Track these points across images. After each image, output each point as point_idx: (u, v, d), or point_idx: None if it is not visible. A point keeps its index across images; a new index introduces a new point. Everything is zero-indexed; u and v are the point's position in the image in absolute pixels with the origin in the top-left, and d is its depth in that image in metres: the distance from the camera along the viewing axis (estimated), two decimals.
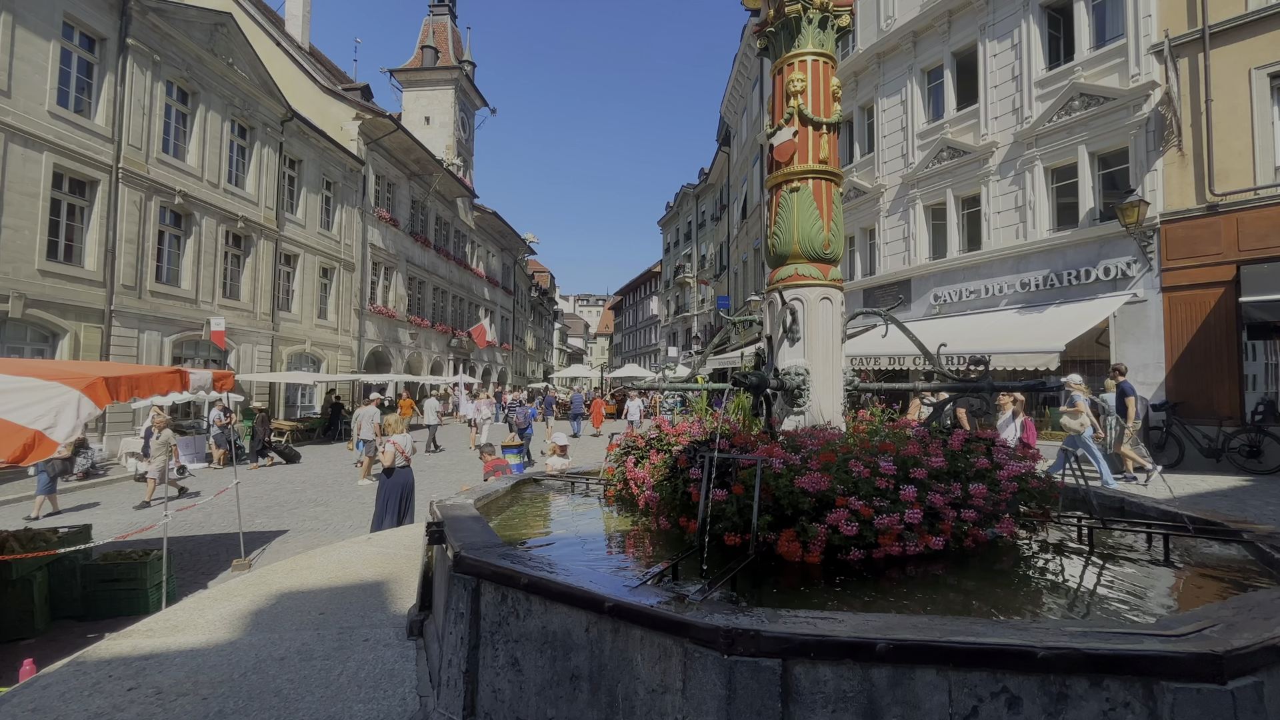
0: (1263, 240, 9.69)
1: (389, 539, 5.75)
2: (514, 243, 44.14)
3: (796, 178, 4.16)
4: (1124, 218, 10.67)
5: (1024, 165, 12.71)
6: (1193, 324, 10.41)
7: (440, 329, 31.38)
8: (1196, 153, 10.41)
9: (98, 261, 13.73)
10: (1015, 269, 12.90)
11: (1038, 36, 12.68)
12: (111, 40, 13.96)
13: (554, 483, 5.26)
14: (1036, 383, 3.69)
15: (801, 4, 4.22)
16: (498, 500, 4.39)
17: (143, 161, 14.65)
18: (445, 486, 10.74)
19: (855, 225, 16.88)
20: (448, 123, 39.08)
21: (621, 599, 2.09)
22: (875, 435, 3.67)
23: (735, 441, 3.45)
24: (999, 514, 3.27)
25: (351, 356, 23.48)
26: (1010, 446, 3.70)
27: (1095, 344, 11.56)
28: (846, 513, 2.88)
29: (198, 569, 6.54)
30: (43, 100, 12.47)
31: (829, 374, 4.10)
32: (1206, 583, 2.94)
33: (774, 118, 4.42)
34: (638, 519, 3.90)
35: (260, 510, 9.26)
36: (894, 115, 15.85)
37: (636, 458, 4.15)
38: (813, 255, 4.12)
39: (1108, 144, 11.53)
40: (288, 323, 20.07)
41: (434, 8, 41.72)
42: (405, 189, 27.83)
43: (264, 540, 7.57)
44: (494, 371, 40.37)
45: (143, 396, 5.84)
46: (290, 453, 14.85)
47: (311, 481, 11.84)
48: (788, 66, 4.33)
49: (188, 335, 15.95)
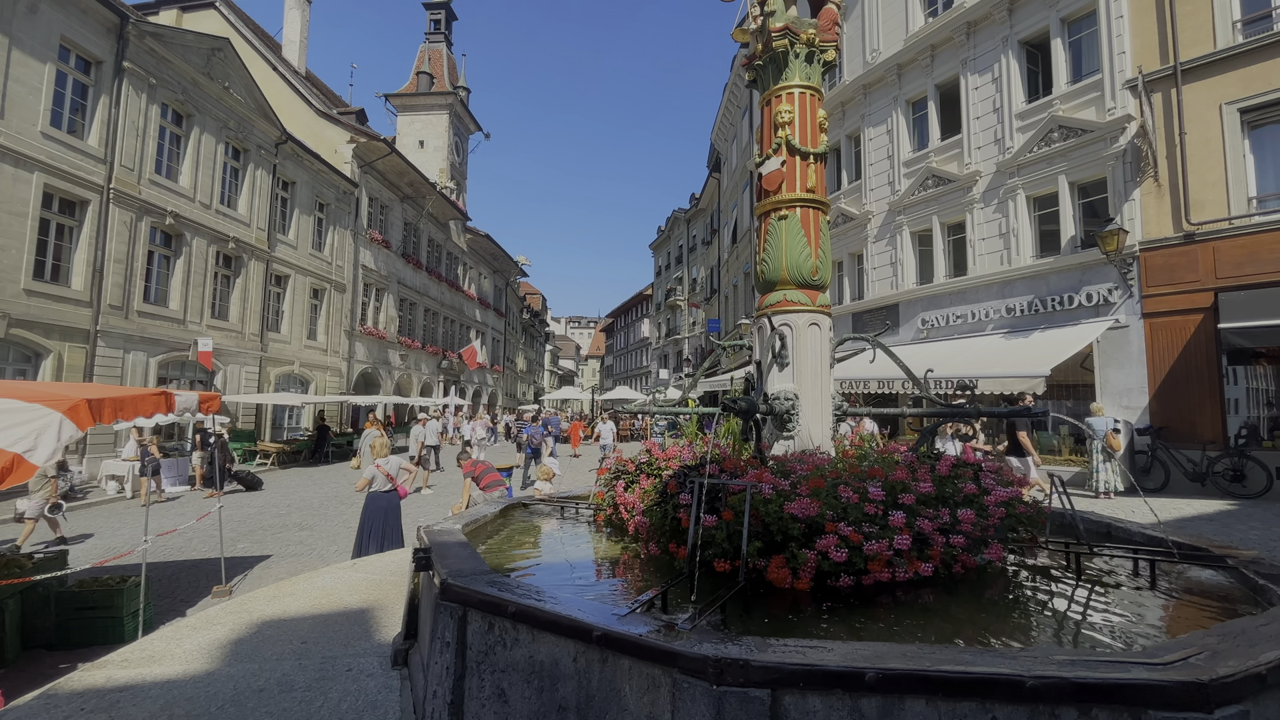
0: (1239, 268, 9.94)
1: (375, 564, 5.65)
2: (506, 265, 44.32)
3: (785, 206, 4.24)
4: (1104, 245, 10.92)
5: (1007, 194, 13.01)
6: (1174, 349, 10.60)
7: (431, 350, 31.27)
8: (1172, 183, 10.72)
9: (85, 281, 13.63)
10: (1000, 294, 13.12)
11: (1017, 71, 13.10)
12: (108, 63, 14.07)
13: (543, 507, 5.21)
14: (1021, 409, 3.74)
15: (788, 39, 4.35)
16: (486, 525, 4.35)
17: (134, 182, 14.65)
18: (434, 509, 10.60)
19: (844, 250, 17.14)
20: (441, 146, 39.48)
21: (610, 628, 2.07)
22: (864, 460, 3.69)
23: (725, 467, 3.46)
24: (987, 539, 3.28)
25: (340, 378, 23.30)
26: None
27: (1080, 369, 11.72)
28: (836, 539, 2.88)
29: (176, 596, 6.38)
30: (36, 121, 12.49)
31: (818, 399, 4.13)
32: (1192, 609, 2.95)
33: (762, 147, 4.52)
34: (627, 544, 3.87)
35: (243, 535, 9.08)
36: (880, 144, 16.22)
37: (626, 482, 4.13)
38: (801, 281, 4.18)
39: (1087, 174, 11.85)
40: (277, 343, 19.94)
41: (430, 36, 42.48)
42: (398, 211, 27.97)
43: (246, 566, 7.41)
44: (484, 393, 40.16)
45: (126, 419, 5.76)
46: (251, 480, 13.56)
47: (296, 505, 11.65)
48: (775, 98, 4.45)
49: (174, 356, 15.79)
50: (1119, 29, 11.38)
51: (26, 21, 12.31)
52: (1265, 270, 9.68)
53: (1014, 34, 13.14)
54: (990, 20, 13.49)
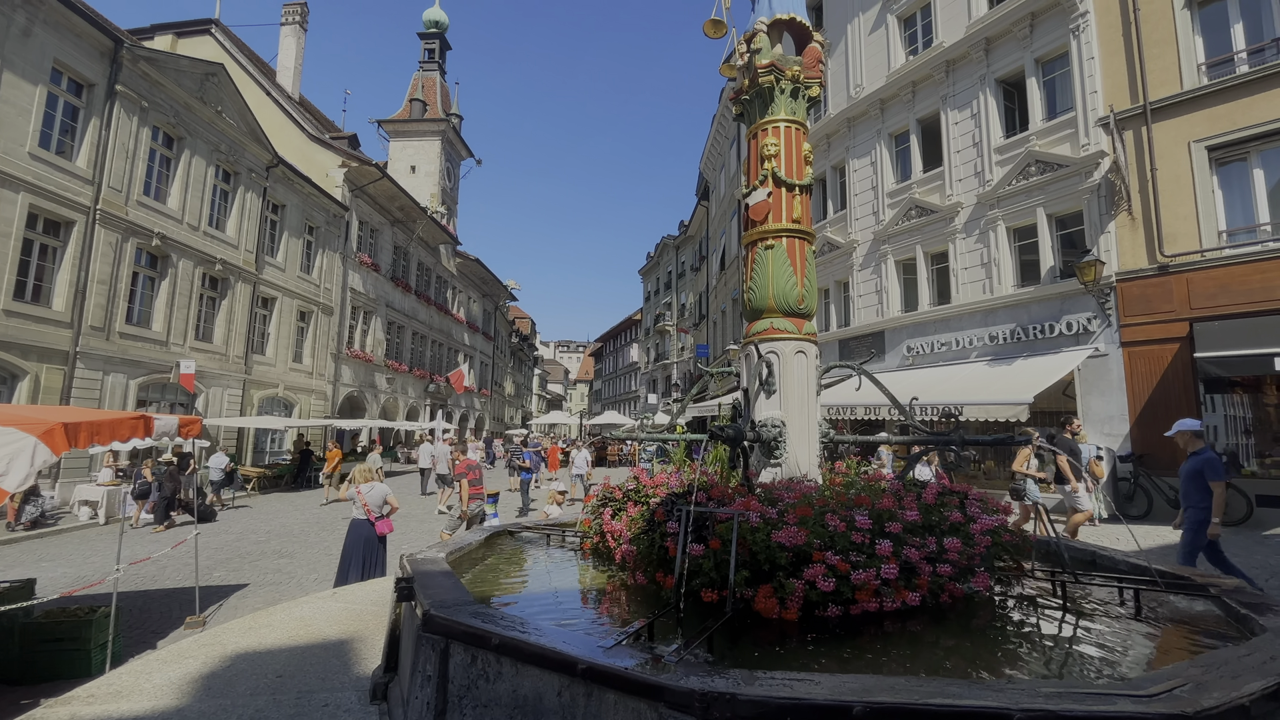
0: (1212, 299, 10.21)
1: (356, 594, 5.51)
2: (495, 289, 44.40)
3: (771, 236, 4.32)
4: (1082, 276, 11.19)
5: (987, 225, 13.33)
6: (1152, 377, 10.79)
7: (418, 374, 31.05)
8: (1145, 217, 11.06)
9: (66, 302, 13.45)
10: (983, 322, 13.34)
11: (994, 107, 13.55)
12: (100, 86, 14.12)
13: (529, 535, 5.15)
14: (1004, 437, 3.78)
15: (774, 75, 4.49)
16: (470, 554, 4.28)
17: (122, 203, 14.59)
18: (420, 536, 10.41)
19: (830, 278, 17.39)
20: (433, 171, 39.82)
21: (595, 661, 2.04)
22: (851, 488, 3.70)
23: (713, 494, 3.45)
24: (974, 568, 3.29)
25: (325, 401, 23.02)
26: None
27: (1062, 396, 11.89)
28: (823, 568, 2.88)
29: (147, 627, 6.17)
30: (24, 142, 12.46)
31: (805, 426, 4.16)
32: (1176, 639, 2.96)
33: (749, 178, 4.62)
34: (614, 574, 3.83)
35: (219, 562, 8.84)
36: (865, 175, 16.61)
37: (614, 510, 4.10)
38: (787, 310, 4.24)
39: (1064, 207, 12.19)
40: (261, 366, 19.71)
41: (424, 65, 43.17)
42: (388, 235, 28.03)
43: (221, 595, 7.20)
44: (471, 417, 39.81)
45: (102, 443, 5.64)
46: (205, 511, 12.50)
47: (276, 531, 11.38)
48: (762, 131, 4.57)
49: (155, 378, 15.54)
50: (1090, 69, 11.84)
51: (19, 44, 12.37)
52: (1237, 301, 9.95)
53: (991, 73, 13.62)
54: (968, 59, 13.99)
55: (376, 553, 6.71)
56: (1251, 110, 10.14)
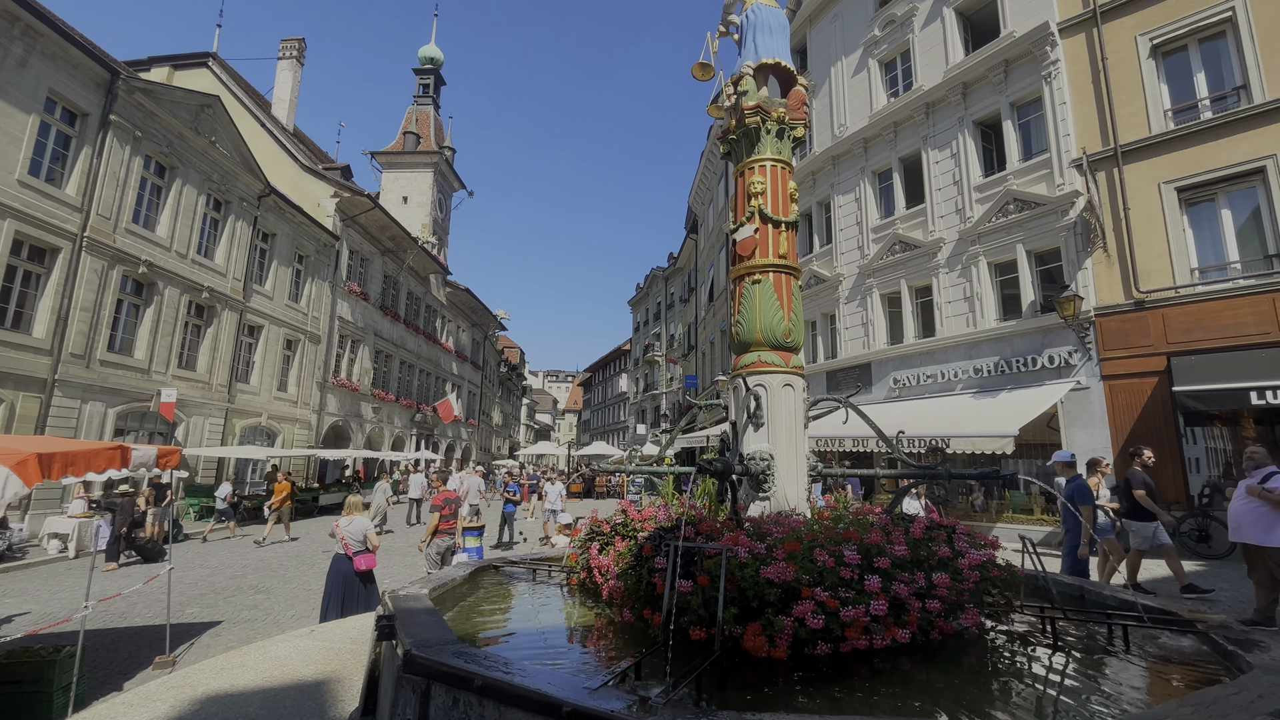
0: (1188, 334, 10.46)
1: (335, 631, 5.35)
2: (485, 318, 44.42)
3: (758, 271, 4.39)
4: (1062, 311, 11.44)
5: (969, 260, 13.65)
6: (1133, 410, 10.96)
7: (405, 403, 30.74)
8: (1120, 254, 11.39)
9: (47, 329, 13.26)
10: (968, 355, 13.53)
11: (973, 148, 14.02)
12: (94, 116, 14.21)
13: (515, 570, 5.05)
14: (991, 470, 3.81)
15: (760, 116, 4.64)
16: (454, 590, 4.19)
17: (109, 231, 14.54)
18: (404, 570, 10.16)
19: (816, 311, 17.62)
20: (425, 202, 40.20)
21: (580, 703, 1.99)
22: (839, 522, 3.69)
23: (701, 529, 3.42)
24: (963, 604, 3.27)
25: (309, 430, 22.66)
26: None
27: (1047, 428, 12.01)
28: (812, 604, 2.85)
29: (114, 668, 5.92)
30: (14, 170, 12.45)
31: (793, 459, 4.16)
32: (1166, 677, 2.95)
33: (736, 215, 4.73)
34: (601, 610, 3.76)
35: (193, 598, 8.55)
36: (849, 210, 17.01)
37: (601, 544, 4.05)
38: (774, 343, 4.29)
39: (1042, 243, 12.52)
40: (245, 394, 19.43)
41: (418, 99, 43.99)
42: (378, 264, 28.09)
43: (194, 633, 6.95)
44: (458, 447, 39.33)
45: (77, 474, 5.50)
46: (152, 550, 11.69)
47: (253, 565, 11.06)
48: (749, 170, 4.69)
49: (134, 407, 15.26)
50: (1063, 114, 12.33)
51: (15, 74, 12.47)
52: (1212, 336, 10.20)
53: (968, 115, 14.14)
54: (946, 102, 14.53)
55: (357, 589, 6.52)
56: (1217, 154, 10.59)
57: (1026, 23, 13.03)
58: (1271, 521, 5.65)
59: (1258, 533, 5.74)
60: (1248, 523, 5.81)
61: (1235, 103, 10.66)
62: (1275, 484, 5.66)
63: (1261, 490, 5.73)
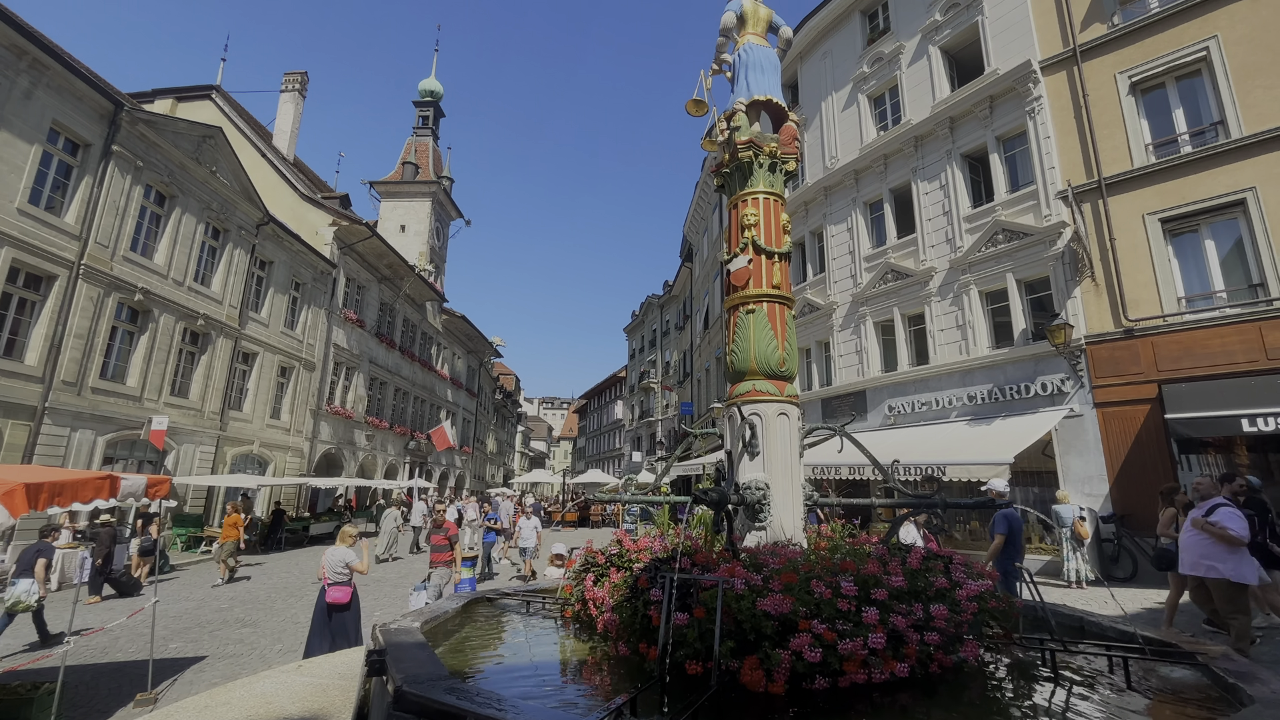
0: (1177, 362, 10.57)
1: (323, 667, 5.22)
2: (481, 345, 44.46)
3: (752, 301, 4.45)
4: (1053, 339, 11.56)
5: (960, 289, 13.82)
6: (1127, 438, 10.99)
7: (399, 431, 30.52)
8: (1108, 283, 11.57)
9: (40, 357, 13.18)
10: (961, 383, 13.60)
11: (961, 179, 14.33)
12: (96, 146, 14.38)
13: (508, 602, 4.97)
14: (985, 500, 3.81)
15: (753, 151, 4.75)
16: (447, 623, 4.12)
17: (107, 259, 14.59)
18: (395, 602, 9.96)
19: (810, 338, 17.73)
20: (422, 231, 40.58)
21: None
22: (836, 552, 3.67)
23: (697, 560, 3.40)
24: (962, 636, 3.23)
25: (302, 458, 22.42)
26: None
27: (1042, 455, 12.01)
28: (810, 637, 2.81)
29: (93, 705, 5.74)
30: (14, 198, 12.53)
31: (789, 488, 4.15)
32: (1169, 710, 2.91)
33: (730, 246, 4.81)
34: (596, 644, 3.70)
35: (177, 633, 8.34)
36: (842, 240, 17.26)
37: (596, 576, 4.00)
38: (769, 372, 4.32)
39: (1032, 272, 12.72)
40: (237, 422, 19.26)
41: (418, 130, 44.79)
42: (375, 291, 28.19)
43: (177, 669, 6.76)
44: (452, 475, 38.93)
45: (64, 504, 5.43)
46: (127, 583, 11.21)
47: (240, 598, 10.82)
48: (742, 202, 4.79)
49: (125, 435, 15.09)
50: (1047, 147, 12.66)
51: (20, 105, 12.65)
52: (1201, 364, 10.31)
53: (956, 148, 14.49)
54: (934, 136, 14.90)
55: (341, 621, 6.37)
56: (1198, 186, 10.86)
57: (1009, 61, 13.46)
58: (1216, 554, 5.67)
59: (1202, 565, 5.78)
60: (1195, 555, 5.86)
61: (1214, 137, 10.97)
62: (1219, 516, 5.73)
63: (1205, 523, 5.77)
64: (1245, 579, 5.59)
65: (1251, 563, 5.75)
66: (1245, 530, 5.60)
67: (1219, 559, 5.63)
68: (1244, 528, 5.60)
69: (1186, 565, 6.02)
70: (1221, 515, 5.71)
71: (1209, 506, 5.88)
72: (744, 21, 5.35)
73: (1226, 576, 5.56)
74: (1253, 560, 5.82)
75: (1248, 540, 5.63)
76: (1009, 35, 13.72)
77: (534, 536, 12.74)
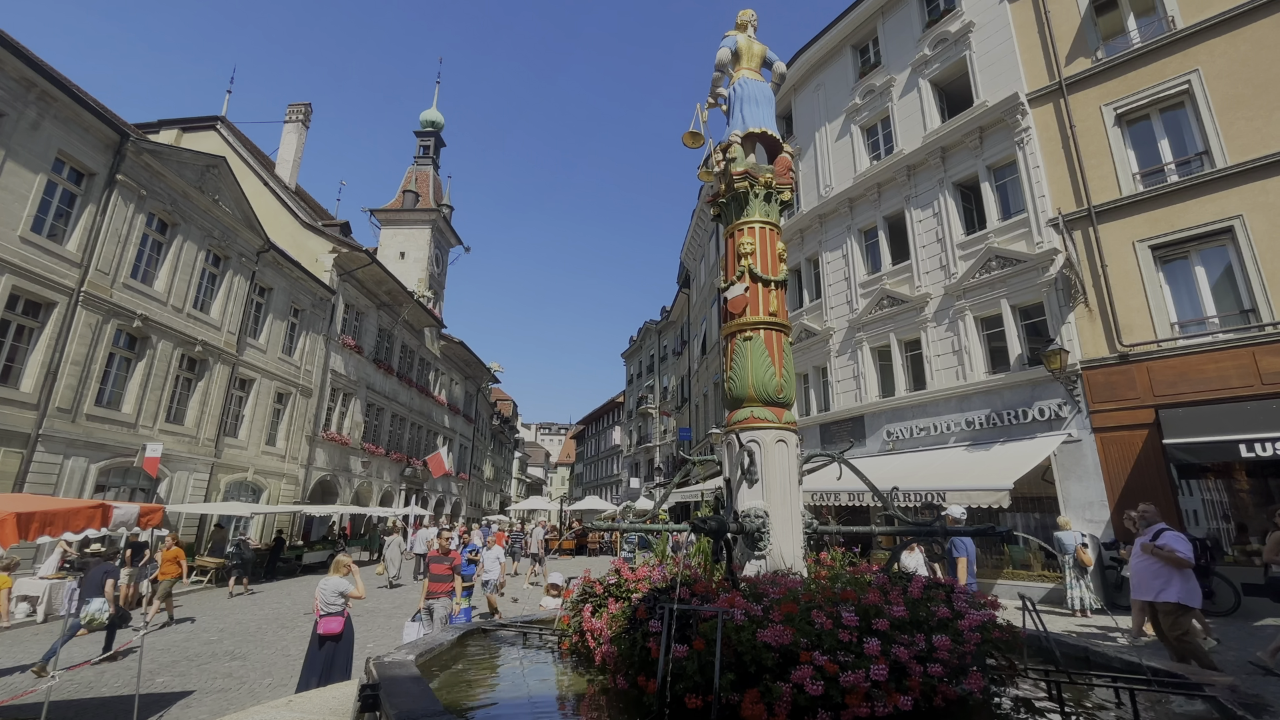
0: (1173, 387, 10.61)
1: (314, 702, 5.09)
2: (478, 371, 44.41)
3: (749, 328, 4.49)
4: (1049, 364, 11.61)
5: (956, 314, 13.93)
6: (1126, 463, 10.96)
7: (395, 457, 30.28)
8: (1102, 309, 11.67)
9: (36, 383, 13.12)
10: (959, 408, 13.60)
11: (954, 207, 14.56)
12: (100, 175, 14.56)
13: (505, 633, 4.89)
14: (986, 528, 3.79)
15: (749, 181, 4.84)
16: (441, 655, 4.05)
17: (107, 286, 14.64)
18: (389, 633, 9.76)
19: (808, 364, 17.78)
20: (422, 258, 40.88)
21: None
22: (836, 581, 3.63)
23: (696, 590, 3.36)
24: (965, 667, 3.19)
25: (296, 485, 22.19)
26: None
27: (1042, 481, 11.96)
28: (811, 669, 2.77)
29: None
30: (16, 226, 12.63)
31: (788, 515, 4.13)
32: None
33: (728, 274, 4.86)
34: (594, 677, 3.63)
35: (165, 666, 8.14)
36: (837, 267, 17.44)
37: (594, 606, 3.95)
38: (767, 399, 4.33)
39: (1025, 298, 12.83)
40: (232, 449, 19.11)
41: (419, 159, 45.48)
42: (373, 318, 28.28)
43: (164, 704, 6.58)
44: (448, 502, 38.51)
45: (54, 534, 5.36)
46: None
47: (230, 630, 10.59)
48: (739, 231, 4.86)
49: (118, 462, 14.94)
50: (1037, 176, 12.91)
51: (27, 136, 12.84)
52: (1196, 389, 10.35)
53: (948, 177, 14.76)
54: (926, 165, 15.19)
55: (333, 653, 6.24)
56: (1185, 214, 11.05)
57: (997, 93, 13.81)
58: (1163, 577, 5.78)
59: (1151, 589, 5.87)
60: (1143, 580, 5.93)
61: (1199, 167, 11.21)
62: (1165, 540, 5.86)
63: (1153, 548, 5.88)
64: (1192, 601, 5.72)
65: (1197, 585, 5.88)
66: (1191, 553, 5.78)
67: (1167, 581, 5.76)
68: (1190, 549, 5.78)
69: (1137, 590, 6.10)
70: (1168, 539, 5.88)
71: (1155, 531, 6.03)
72: (739, 57, 5.51)
73: (1175, 599, 5.67)
74: (1198, 583, 5.94)
75: (1194, 562, 5.81)
76: (996, 69, 14.10)
77: (496, 568, 11.71)
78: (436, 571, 8.31)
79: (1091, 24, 12.98)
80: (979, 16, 14.67)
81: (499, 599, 11.41)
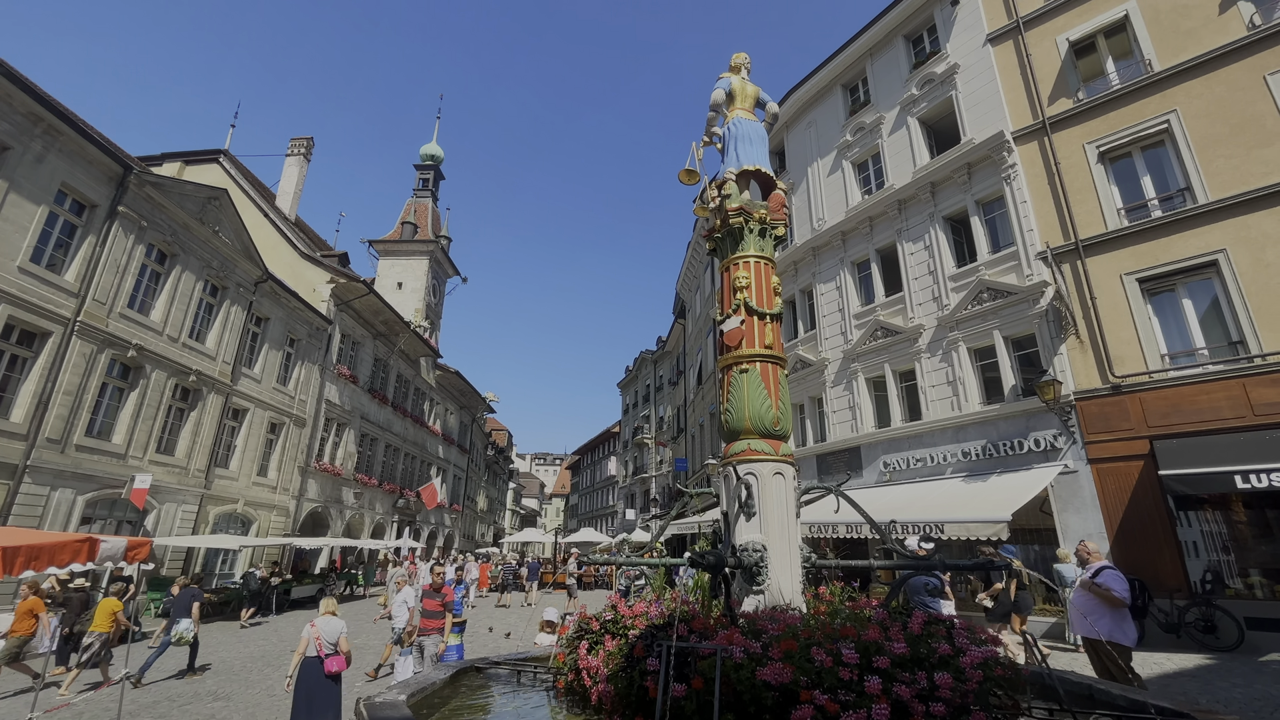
0: (1166, 418, 10.67)
1: None
2: (474, 401, 44.25)
3: (745, 360, 4.53)
4: (1043, 395, 11.67)
5: (949, 345, 14.05)
6: (1123, 494, 10.94)
7: (388, 488, 29.91)
8: (1093, 340, 11.81)
9: (26, 414, 13.00)
10: (955, 439, 13.60)
11: (944, 241, 14.83)
12: (102, 207, 14.69)
13: (499, 671, 4.78)
14: (985, 561, 3.77)
15: (743, 217, 4.95)
16: (434, 695, 3.95)
17: (103, 316, 14.64)
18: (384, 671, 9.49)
19: (804, 394, 17.81)
20: (419, 288, 41.14)
21: None
22: (836, 617, 3.59)
23: (695, 626, 3.32)
24: (969, 706, 3.13)
25: (287, 517, 21.83)
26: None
27: (1040, 512, 11.90)
28: (812, 709, 2.73)
29: None
30: (15, 257, 12.68)
31: (786, 549, 4.10)
32: None
33: (723, 307, 4.93)
34: (590, 716, 3.54)
35: (145, 707, 7.87)
36: (831, 298, 17.64)
37: (590, 643, 3.88)
38: (764, 431, 4.34)
39: (1018, 330, 12.98)
40: (223, 480, 18.86)
41: (418, 192, 46.19)
42: (369, 347, 28.28)
43: None
44: (441, 534, 37.89)
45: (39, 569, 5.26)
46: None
47: (215, 669, 10.28)
48: (734, 265, 4.95)
49: (105, 494, 14.71)
50: (1025, 211, 13.20)
51: (31, 169, 13.00)
52: (1190, 420, 10.41)
53: (938, 211, 15.07)
54: (917, 199, 15.52)
55: (326, 693, 6.08)
56: (1170, 248, 11.28)
57: (984, 131, 14.21)
58: (1102, 614, 5.82)
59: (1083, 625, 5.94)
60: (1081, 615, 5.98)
61: (1181, 202, 11.49)
62: (1104, 578, 5.91)
63: (1092, 584, 5.94)
64: (1125, 640, 5.75)
65: (1132, 624, 5.92)
66: (1127, 592, 5.82)
67: (1101, 618, 5.79)
68: (1125, 589, 5.82)
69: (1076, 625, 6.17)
70: (1105, 577, 5.91)
71: (1095, 569, 6.08)
72: (733, 98, 5.68)
73: (1107, 636, 5.69)
74: (1133, 622, 6.00)
75: (1129, 602, 5.86)
76: (982, 108, 14.55)
77: (404, 613, 8.91)
78: (429, 607, 8.15)
79: (1072, 66, 13.46)
80: (964, 59, 15.19)
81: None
